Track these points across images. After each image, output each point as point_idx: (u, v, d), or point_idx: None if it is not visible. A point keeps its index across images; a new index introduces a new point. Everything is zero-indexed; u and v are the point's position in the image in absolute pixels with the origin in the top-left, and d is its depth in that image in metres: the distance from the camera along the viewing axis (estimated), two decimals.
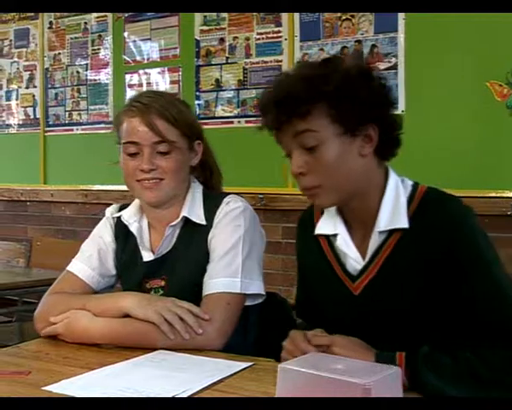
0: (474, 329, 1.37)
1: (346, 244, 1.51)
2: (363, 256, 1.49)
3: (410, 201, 1.46)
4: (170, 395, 1.24)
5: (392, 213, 1.45)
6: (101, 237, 1.86)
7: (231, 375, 1.38)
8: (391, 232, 1.45)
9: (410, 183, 1.52)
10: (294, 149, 1.44)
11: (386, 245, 1.46)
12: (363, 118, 1.42)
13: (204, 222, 1.76)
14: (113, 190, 4.19)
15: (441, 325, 1.41)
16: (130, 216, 1.83)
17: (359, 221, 1.51)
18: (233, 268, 1.68)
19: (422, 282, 1.41)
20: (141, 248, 1.81)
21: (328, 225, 1.55)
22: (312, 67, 1.45)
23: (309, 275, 1.64)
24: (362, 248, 1.50)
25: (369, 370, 1.10)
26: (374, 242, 1.47)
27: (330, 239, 1.56)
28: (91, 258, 1.83)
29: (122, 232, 1.85)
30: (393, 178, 1.50)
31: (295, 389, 1.12)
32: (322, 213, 1.58)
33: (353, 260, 1.50)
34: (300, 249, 1.69)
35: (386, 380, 1.09)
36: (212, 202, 1.78)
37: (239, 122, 3.94)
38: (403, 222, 1.43)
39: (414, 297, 1.42)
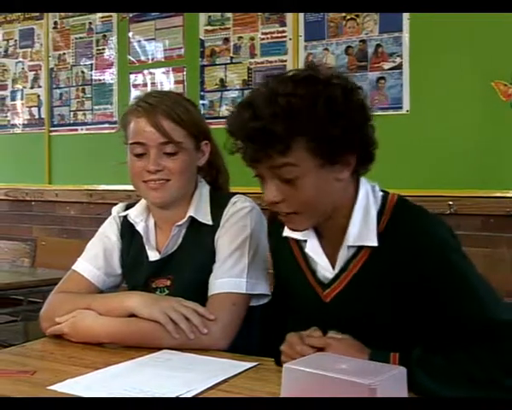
0: (459, 333, 1.36)
1: (315, 252, 1.49)
2: (334, 265, 1.48)
3: (380, 214, 1.44)
4: (174, 395, 1.24)
5: (362, 228, 1.43)
6: (107, 236, 1.86)
7: (236, 375, 1.38)
8: (361, 246, 1.44)
9: (379, 194, 1.48)
10: (269, 179, 1.38)
11: (357, 260, 1.44)
12: (346, 148, 1.36)
13: (210, 222, 1.75)
14: (117, 190, 4.19)
15: (419, 331, 1.40)
16: (136, 215, 1.83)
17: (329, 232, 1.49)
18: (239, 269, 1.68)
19: (394, 295, 1.41)
20: (147, 247, 1.80)
21: None
22: (289, 93, 1.33)
23: (281, 274, 1.64)
24: (332, 257, 1.48)
25: (374, 370, 1.10)
26: (343, 255, 1.46)
27: (300, 243, 1.54)
28: (97, 257, 1.83)
29: (128, 231, 1.84)
30: (364, 188, 1.46)
31: (300, 388, 1.12)
32: None
33: (323, 268, 1.49)
34: (273, 247, 1.68)
35: (392, 380, 1.09)
36: (218, 202, 1.77)
37: None
38: (372, 240, 1.42)
39: (385, 309, 1.42)
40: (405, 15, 3.36)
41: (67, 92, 4.74)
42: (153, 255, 1.79)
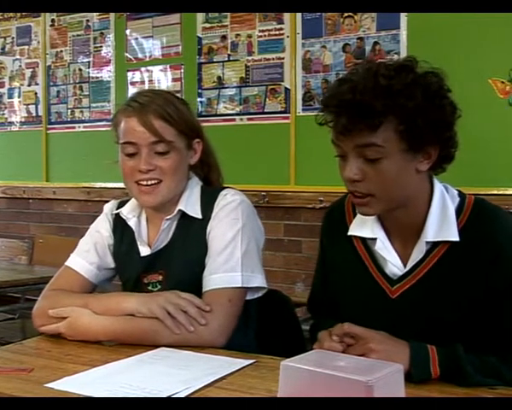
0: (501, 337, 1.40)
1: (386, 249, 1.51)
2: (404, 262, 1.49)
3: (458, 212, 1.46)
4: (172, 392, 1.24)
5: (441, 223, 1.45)
6: (98, 231, 1.86)
7: (234, 372, 1.38)
8: (437, 242, 1.45)
9: (455, 192, 1.51)
10: (353, 157, 1.40)
11: (433, 255, 1.46)
12: (432, 139, 1.40)
13: (200, 216, 1.75)
14: (115, 188, 4.18)
15: (472, 334, 1.42)
16: (129, 211, 1.83)
17: (401, 229, 1.50)
18: (232, 263, 1.67)
19: (466, 295, 1.42)
20: (138, 243, 1.80)
21: (365, 227, 1.54)
22: (389, 76, 1.39)
23: (337, 273, 1.63)
24: (403, 254, 1.50)
25: (371, 367, 1.11)
26: (419, 250, 1.47)
27: (365, 241, 1.55)
28: (89, 252, 1.83)
29: (120, 227, 1.84)
30: (438, 187, 1.50)
31: (298, 386, 1.12)
32: (354, 214, 1.57)
33: (393, 265, 1.50)
34: (328, 246, 1.67)
35: (389, 377, 1.09)
36: (209, 196, 1.77)
37: (241, 120, 3.94)
38: (453, 234, 1.43)
39: (454, 308, 1.43)
40: (403, 13, 3.36)
41: (65, 90, 4.73)
42: (144, 251, 1.79)
